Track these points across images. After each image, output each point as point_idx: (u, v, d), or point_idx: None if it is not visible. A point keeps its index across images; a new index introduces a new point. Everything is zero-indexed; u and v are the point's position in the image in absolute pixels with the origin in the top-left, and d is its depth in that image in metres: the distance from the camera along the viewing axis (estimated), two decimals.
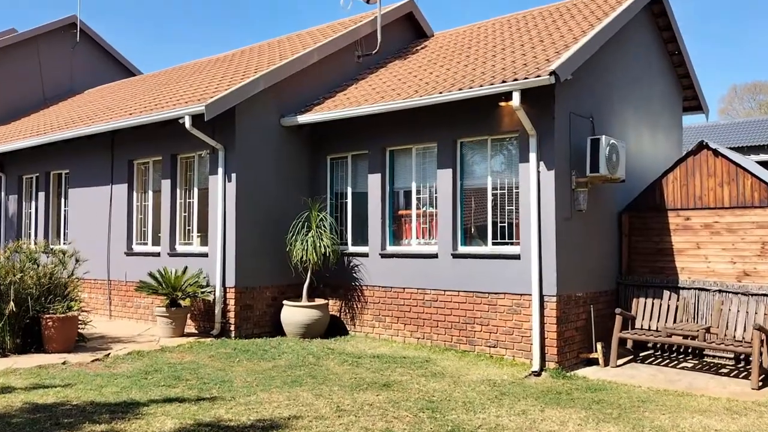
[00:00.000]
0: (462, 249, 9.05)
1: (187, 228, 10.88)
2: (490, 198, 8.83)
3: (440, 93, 8.62)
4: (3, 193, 14.82)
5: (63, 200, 13.48)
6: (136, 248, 11.61)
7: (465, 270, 8.89)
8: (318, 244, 9.78)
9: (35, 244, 9.36)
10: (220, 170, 9.90)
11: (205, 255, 10.19)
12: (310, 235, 9.90)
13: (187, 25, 57.48)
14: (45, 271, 8.55)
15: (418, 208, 9.72)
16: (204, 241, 10.50)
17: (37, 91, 19.39)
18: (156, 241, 11.36)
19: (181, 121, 9.67)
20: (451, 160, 9.14)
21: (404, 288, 9.58)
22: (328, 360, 8.26)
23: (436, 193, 9.39)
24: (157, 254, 11.02)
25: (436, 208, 9.40)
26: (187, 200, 10.87)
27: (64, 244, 12.98)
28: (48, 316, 8.09)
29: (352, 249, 10.34)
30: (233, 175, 9.82)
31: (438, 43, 12.40)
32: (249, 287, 9.93)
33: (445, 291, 9.09)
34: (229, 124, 9.86)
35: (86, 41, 20.57)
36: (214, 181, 10.08)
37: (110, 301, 11.82)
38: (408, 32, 13.33)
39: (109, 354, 8.21)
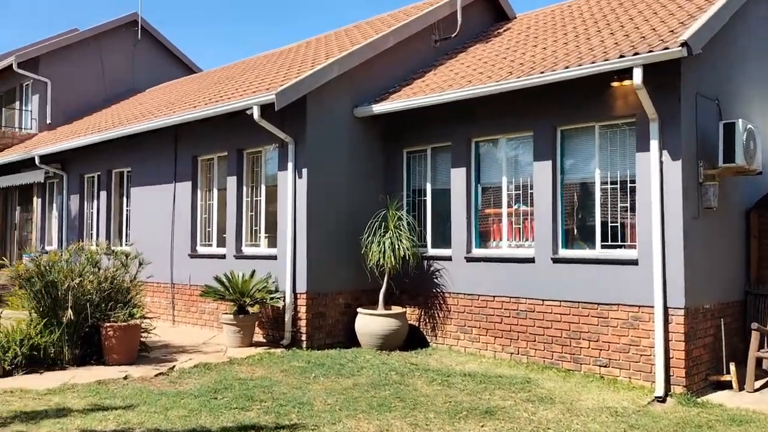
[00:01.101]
0: (563, 252, 7.92)
1: (253, 228, 10.11)
2: (598, 194, 7.67)
3: (541, 73, 7.53)
4: (65, 193, 14.49)
5: (125, 200, 12.99)
6: (201, 250, 10.94)
7: (567, 277, 7.76)
8: (397, 246, 8.84)
9: (96, 245, 8.74)
10: (290, 165, 9.08)
11: (274, 257, 9.39)
12: (387, 236, 8.96)
13: (240, 24, 57.65)
14: (106, 274, 7.89)
15: (509, 206, 8.65)
16: (272, 243, 9.71)
17: (99, 91, 19.20)
18: (221, 243, 10.66)
19: (248, 112, 8.89)
20: (550, 150, 8.03)
21: (494, 296, 8.52)
22: (414, 378, 7.29)
23: (531, 189, 8.30)
24: (222, 256, 10.30)
25: (531, 205, 8.30)
26: (254, 198, 10.11)
27: (125, 245, 12.47)
28: (108, 324, 7.41)
29: (432, 252, 9.35)
30: (304, 171, 8.98)
31: (524, 24, 11.27)
32: (321, 293, 9.07)
33: (543, 301, 7.99)
34: (300, 115, 9.03)
35: (147, 39, 20.31)
36: (284, 177, 9.27)
37: (173, 305, 11.18)
38: (488, 14, 12.24)
39: (174, 367, 7.47)
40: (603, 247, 7.61)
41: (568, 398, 6.52)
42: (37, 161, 14.16)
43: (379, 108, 9.30)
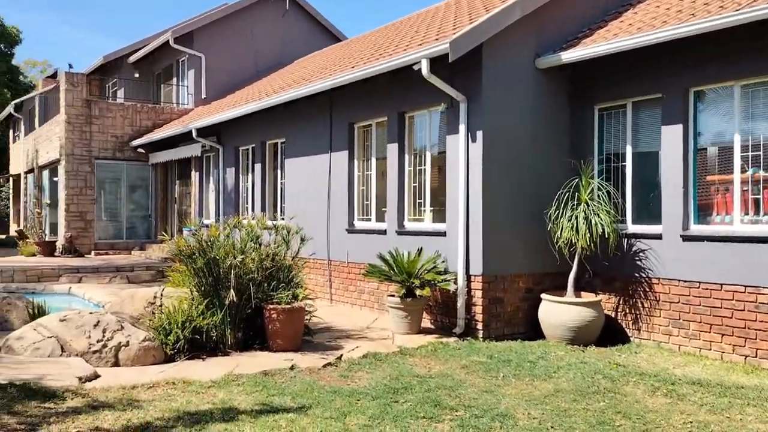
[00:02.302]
0: None
1: (417, 201, 9.07)
2: None
3: None
4: (221, 166, 14.39)
5: (279, 172, 12.52)
6: (358, 225, 10.12)
7: None
8: (594, 222, 7.36)
9: (254, 219, 8.12)
10: (462, 128, 7.87)
11: (441, 234, 8.28)
12: (580, 209, 7.51)
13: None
14: (267, 251, 7.20)
15: (742, 170, 6.84)
16: (438, 217, 8.61)
17: (249, 64, 19.14)
18: (380, 217, 9.75)
19: (416, 67, 7.78)
20: None
21: (721, 285, 6.81)
22: (629, 385, 5.87)
23: None
24: (382, 232, 9.38)
25: None
26: (417, 167, 9.04)
27: (280, 219, 12.01)
28: (272, 306, 6.70)
29: (633, 228, 7.76)
30: (478, 134, 7.73)
31: None
32: (498, 276, 7.84)
33: None
34: (474, 69, 7.77)
35: (295, 9, 19.96)
36: (454, 142, 8.09)
37: (330, 283, 10.51)
38: None
39: (342, 356, 6.62)
40: None
41: None
42: (194, 134, 14.13)
43: (569, 56, 7.78)
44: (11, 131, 28.41)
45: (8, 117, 27.61)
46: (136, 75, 21.21)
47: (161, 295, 7.27)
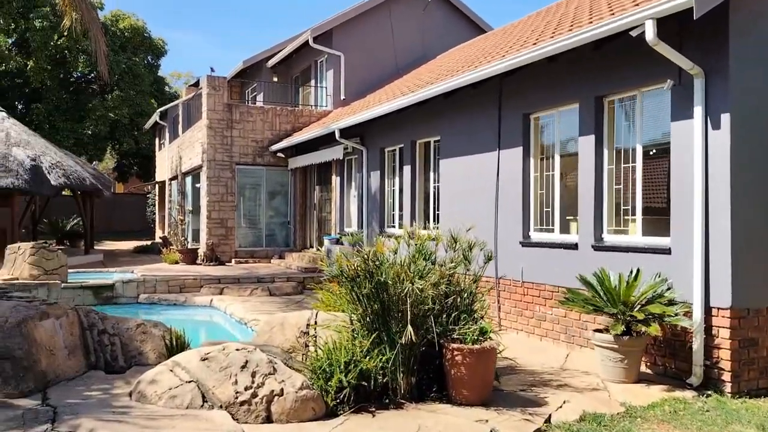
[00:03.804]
0: None
1: (621, 208, 7.17)
2: None
3: None
4: (364, 170, 13.20)
5: (432, 174, 11.05)
6: (535, 236, 8.37)
7: None
8: None
9: (413, 229, 6.64)
10: (698, 111, 5.91)
11: (662, 251, 6.34)
12: None
13: None
14: (442, 272, 5.67)
15: None
16: (653, 228, 6.68)
17: (389, 62, 17.96)
18: (565, 227, 7.95)
19: (634, 32, 5.94)
20: None
21: None
22: None
23: None
24: (571, 246, 7.56)
25: None
26: (620, 165, 7.14)
27: (434, 228, 10.53)
28: (456, 346, 5.16)
29: None
30: (724, 119, 5.74)
31: None
32: (753, 309, 5.79)
33: None
34: (715, 31, 5.80)
35: (436, 1, 18.53)
36: (683, 130, 6.14)
37: (499, 306, 8.83)
38: None
39: (550, 417, 4.93)
40: None
41: None
42: (337, 135, 13.05)
43: None
44: (157, 139, 29.46)
45: (154, 125, 28.62)
46: (275, 79, 20.81)
47: (315, 322, 5.97)
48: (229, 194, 16.68)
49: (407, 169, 11.52)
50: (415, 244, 5.84)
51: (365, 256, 5.20)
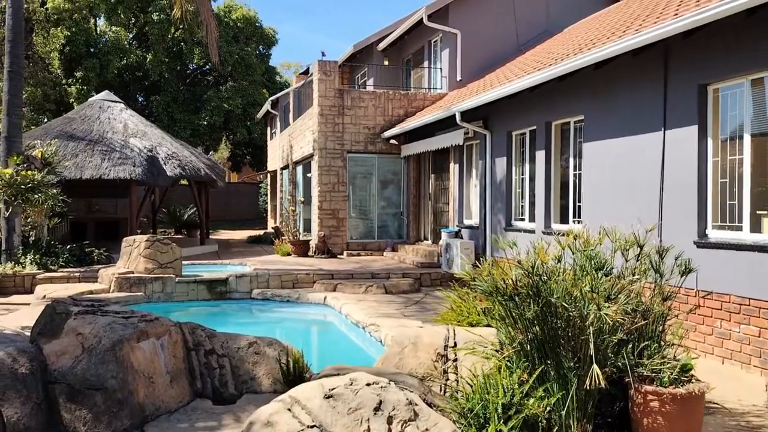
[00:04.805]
0: None
1: None
2: None
3: None
4: (487, 156, 11.93)
5: (572, 160, 9.63)
6: (715, 235, 6.82)
7: None
8: None
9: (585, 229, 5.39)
10: None
11: None
12: None
13: None
14: (622, 285, 4.39)
15: None
16: None
17: (509, 38, 16.45)
18: (756, 225, 6.37)
19: None
20: None
21: None
22: None
23: None
24: None
25: None
26: None
27: (574, 223, 9.15)
28: (651, 389, 3.89)
29: None
30: None
31: None
32: None
33: None
34: None
35: None
36: None
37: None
38: None
39: None
40: None
41: None
42: (457, 118, 11.87)
43: None
44: (268, 129, 29.54)
45: (266, 115, 28.67)
46: (386, 63, 19.88)
47: (455, 344, 4.90)
48: (340, 184, 15.98)
49: (540, 154, 10.15)
50: (583, 250, 4.59)
51: (529, 268, 4.01)
